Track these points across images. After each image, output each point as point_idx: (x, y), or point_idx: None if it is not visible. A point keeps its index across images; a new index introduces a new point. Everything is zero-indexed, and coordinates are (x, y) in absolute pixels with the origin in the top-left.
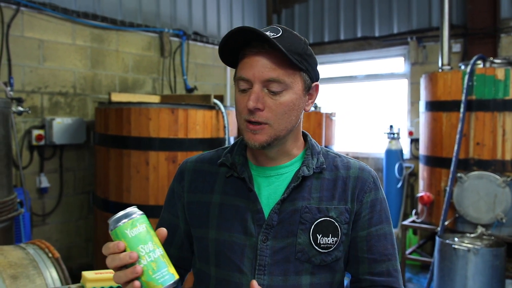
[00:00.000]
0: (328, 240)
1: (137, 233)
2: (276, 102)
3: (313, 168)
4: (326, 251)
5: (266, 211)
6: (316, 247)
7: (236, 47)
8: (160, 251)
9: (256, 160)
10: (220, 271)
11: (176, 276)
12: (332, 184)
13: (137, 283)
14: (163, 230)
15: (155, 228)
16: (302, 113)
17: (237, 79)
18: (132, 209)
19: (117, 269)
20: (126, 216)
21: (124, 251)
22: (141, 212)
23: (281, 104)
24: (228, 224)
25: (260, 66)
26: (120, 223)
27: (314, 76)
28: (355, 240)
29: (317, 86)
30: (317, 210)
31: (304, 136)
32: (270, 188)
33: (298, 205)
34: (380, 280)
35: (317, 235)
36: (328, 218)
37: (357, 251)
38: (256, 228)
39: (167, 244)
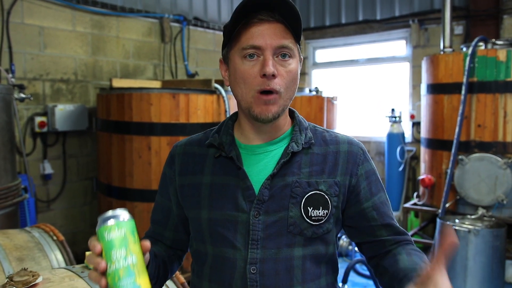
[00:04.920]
0: (319, 213)
1: (113, 238)
2: (286, 69)
3: (302, 144)
4: (317, 223)
5: (256, 188)
6: (308, 220)
7: (238, 17)
8: (132, 259)
9: (245, 138)
10: (215, 249)
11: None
12: (322, 159)
13: None
14: (147, 243)
15: (152, 210)
16: None
17: (245, 48)
18: (118, 211)
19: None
20: (110, 218)
21: (102, 253)
22: (126, 217)
23: (290, 72)
24: (220, 203)
25: (272, 34)
26: (102, 225)
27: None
28: (363, 212)
29: (301, 60)
30: (307, 184)
31: (291, 112)
32: (259, 165)
33: (289, 180)
34: (400, 238)
35: (308, 208)
36: (318, 192)
37: (369, 221)
38: (247, 204)
39: (162, 227)
